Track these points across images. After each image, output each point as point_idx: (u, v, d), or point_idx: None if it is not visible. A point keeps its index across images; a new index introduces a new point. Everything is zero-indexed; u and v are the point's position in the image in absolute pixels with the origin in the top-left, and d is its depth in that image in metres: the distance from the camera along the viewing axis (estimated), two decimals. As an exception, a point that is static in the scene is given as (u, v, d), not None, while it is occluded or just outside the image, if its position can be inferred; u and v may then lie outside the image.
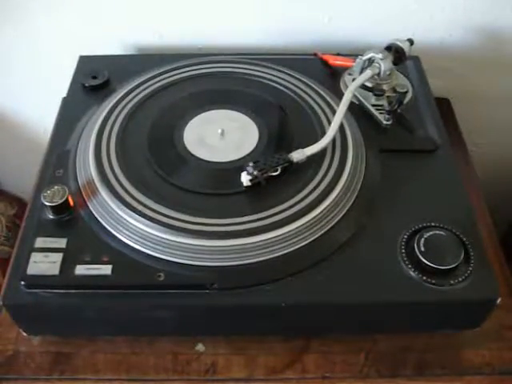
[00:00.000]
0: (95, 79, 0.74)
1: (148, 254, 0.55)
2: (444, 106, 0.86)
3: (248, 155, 0.62)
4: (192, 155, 0.62)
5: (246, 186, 0.58)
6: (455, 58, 0.85)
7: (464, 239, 0.56)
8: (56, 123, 0.72)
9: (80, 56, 0.79)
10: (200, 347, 0.60)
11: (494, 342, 0.61)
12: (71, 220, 0.58)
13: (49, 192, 0.58)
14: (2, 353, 0.60)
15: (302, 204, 0.57)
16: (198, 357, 0.60)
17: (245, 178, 0.57)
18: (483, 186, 0.77)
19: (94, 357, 0.60)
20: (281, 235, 0.55)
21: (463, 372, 0.60)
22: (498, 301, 0.55)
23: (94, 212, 0.58)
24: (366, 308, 0.56)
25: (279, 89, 0.70)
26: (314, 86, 0.70)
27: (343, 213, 0.58)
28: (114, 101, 0.68)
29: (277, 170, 0.58)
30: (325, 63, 0.76)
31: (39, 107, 0.93)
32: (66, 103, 0.74)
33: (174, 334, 0.61)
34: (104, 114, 0.66)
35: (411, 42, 0.70)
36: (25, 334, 0.60)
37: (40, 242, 0.56)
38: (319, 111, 0.67)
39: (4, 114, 0.98)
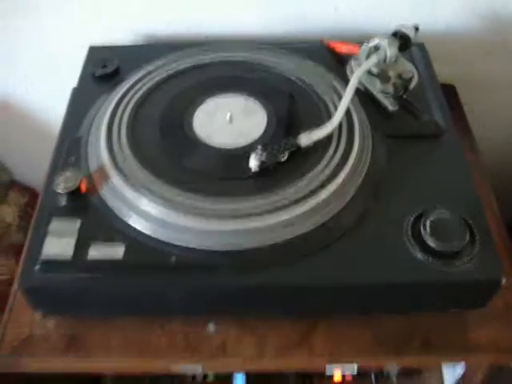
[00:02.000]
0: (105, 68, 0.75)
1: (159, 237, 0.56)
2: (450, 93, 0.87)
3: (256, 140, 0.63)
4: (202, 141, 0.63)
5: (254, 171, 0.59)
6: (461, 45, 0.86)
7: (469, 221, 0.57)
8: (67, 111, 0.73)
9: (90, 46, 0.80)
10: (211, 327, 0.62)
11: (500, 322, 0.62)
12: (84, 205, 0.59)
13: (62, 178, 0.60)
14: (18, 335, 0.62)
15: (308, 188, 0.58)
16: (210, 337, 0.62)
17: (253, 163, 0.59)
18: (489, 171, 0.78)
19: (107, 338, 0.62)
20: (287, 218, 0.56)
21: (468, 350, 0.61)
22: (503, 281, 0.56)
23: (105, 197, 0.59)
24: (373, 289, 0.57)
25: (287, 76, 0.71)
26: (320, 72, 0.71)
27: (349, 197, 0.59)
28: (125, 89, 0.69)
29: (284, 155, 0.59)
30: (331, 50, 0.76)
31: (50, 98, 0.94)
32: (76, 92, 0.75)
33: (186, 315, 0.62)
34: (115, 101, 0.68)
35: (417, 28, 0.71)
36: (40, 316, 0.61)
37: (54, 226, 0.58)
38: (326, 97, 0.68)
39: (15, 104, 0.99)
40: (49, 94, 0.95)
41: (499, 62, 0.88)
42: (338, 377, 0.84)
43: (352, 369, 0.67)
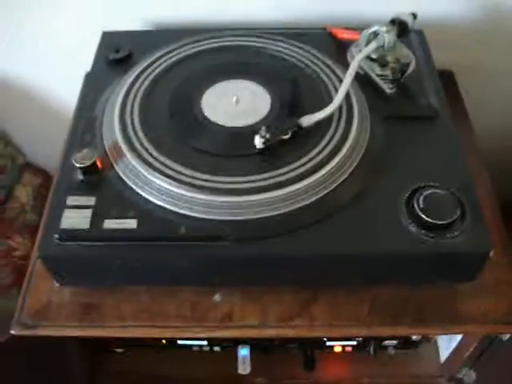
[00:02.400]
0: (118, 53, 0.79)
1: (170, 210, 0.60)
2: (448, 78, 0.90)
3: (261, 120, 0.67)
4: (210, 120, 0.67)
5: (259, 148, 0.63)
6: (459, 32, 0.89)
7: (460, 197, 0.61)
8: (81, 94, 0.77)
9: (103, 32, 0.84)
10: (217, 297, 0.66)
11: (490, 295, 0.66)
12: (99, 180, 0.63)
13: (79, 155, 0.64)
14: (37, 302, 0.66)
15: (310, 164, 0.62)
16: (216, 306, 0.66)
17: (258, 141, 0.62)
18: (485, 153, 0.81)
19: (119, 306, 0.66)
20: (290, 192, 0.60)
21: (460, 321, 0.65)
22: (491, 253, 0.60)
23: (120, 172, 0.63)
24: (368, 259, 0.61)
25: (290, 61, 0.75)
26: (322, 57, 0.75)
27: (348, 173, 0.63)
28: (137, 72, 0.73)
29: (287, 134, 0.63)
30: (333, 37, 0.80)
31: (65, 82, 0.98)
32: (90, 76, 0.79)
33: (194, 285, 0.66)
34: (127, 84, 0.72)
35: (415, 15, 0.74)
36: (58, 284, 0.66)
37: (71, 200, 0.62)
38: (327, 81, 0.72)
39: (30, 87, 1.03)
40: (61, 79, 0.99)
41: (496, 49, 0.91)
42: (338, 348, 0.88)
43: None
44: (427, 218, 0.59)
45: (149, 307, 0.66)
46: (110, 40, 0.82)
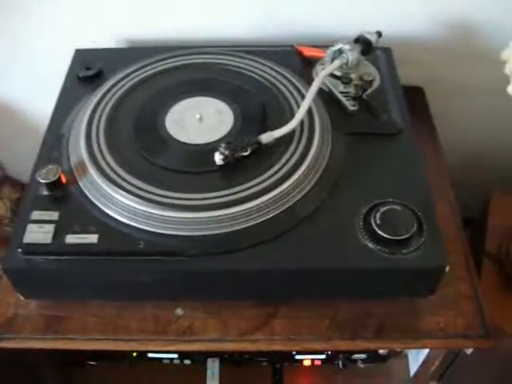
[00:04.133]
0: (88, 70, 0.80)
1: (131, 225, 0.61)
2: (417, 94, 0.92)
3: (222, 137, 0.68)
4: (172, 138, 0.68)
5: (219, 165, 0.64)
6: (428, 49, 0.91)
7: (418, 213, 0.62)
8: (53, 110, 0.78)
9: (76, 49, 0.86)
10: (179, 311, 0.67)
11: (449, 310, 0.67)
12: (63, 196, 0.64)
13: (43, 171, 0.65)
14: (2, 315, 0.67)
15: (269, 181, 0.63)
16: (177, 320, 0.67)
17: (218, 158, 0.64)
18: (452, 167, 0.83)
19: (84, 319, 0.67)
20: (249, 208, 0.61)
21: (418, 336, 0.66)
22: (447, 269, 0.61)
23: (83, 188, 0.65)
24: (326, 274, 0.62)
25: (255, 78, 0.77)
26: (287, 75, 0.76)
27: (307, 190, 0.64)
28: (104, 90, 0.75)
29: (247, 151, 0.64)
30: (300, 54, 0.82)
31: (43, 96, 0.98)
32: (62, 93, 0.80)
33: (156, 299, 0.67)
34: (94, 102, 0.73)
35: (379, 34, 0.76)
36: (22, 298, 0.66)
37: (35, 214, 0.63)
38: (291, 98, 0.73)
39: (9, 102, 1.05)
40: (40, 94, 0.99)
41: (465, 67, 0.93)
42: (307, 362, 0.89)
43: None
44: (383, 234, 0.60)
45: (113, 320, 0.67)
46: (82, 57, 0.84)
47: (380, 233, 0.61)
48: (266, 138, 0.65)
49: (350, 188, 0.66)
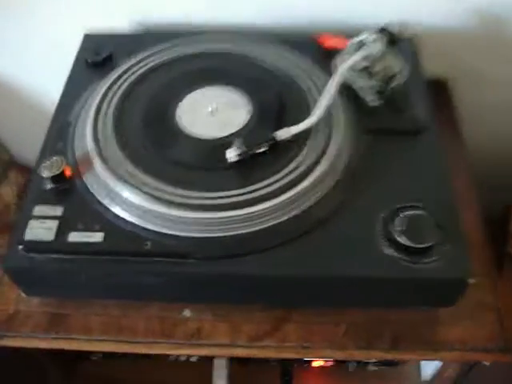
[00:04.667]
0: (98, 55, 0.77)
1: (137, 224, 0.58)
2: (441, 88, 0.88)
3: (236, 132, 0.64)
4: (183, 131, 0.65)
5: (232, 162, 0.60)
6: (455, 39, 0.86)
7: (441, 219, 0.58)
8: (60, 97, 0.75)
9: (85, 34, 0.82)
10: (187, 313, 0.64)
11: (470, 321, 0.64)
12: (68, 190, 0.61)
13: (48, 163, 0.62)
14: (3, 311, 0.65)
15: (285, 180, 0.59)
16: (185, 322, 0.64)
17: (231, 154, 0.60)
18: (479, 168, 0.78)
19: (87, 318, 0.64)
20: (263, 209, 0.58)
21: (436, 347, 0.62)
22: (470, 281, 0.57)
23: (88, 183, 0.61)
24: (342, 281, 0.58)
25: (273, 69, 0.72)
26: (306, 66, 0.72)
27: (325, 190, 0.60)
28: (114, 77, 0.71)
29: (261, 148, 0.61)
30: (320, 44, 0.77)
31: (48, 81, 0.96)
32: (70, 79, 0.76)
33: (162, 300, 0.64)
34: (103, 89, 0.69)
35: (404, 24, 0.71)
36: (24, 294, 0.64)
37: (38, 210, 0.60)
38: (309, 91, 0.69)
39: (16, 84, 1.01)
40: (46, 78, 0.97)
41: (493, 59, 0.88)
42: (317, 363, 0.86)
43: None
44: (404, 241, 0.57)
45: (117, 321, 0.64)
46: (92, 42, 0.80)
47: (401, 240, 0.57)
48: (283, 134, 0.62)
49: (369, 190, 0.62)
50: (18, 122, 1.07)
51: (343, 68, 0.66)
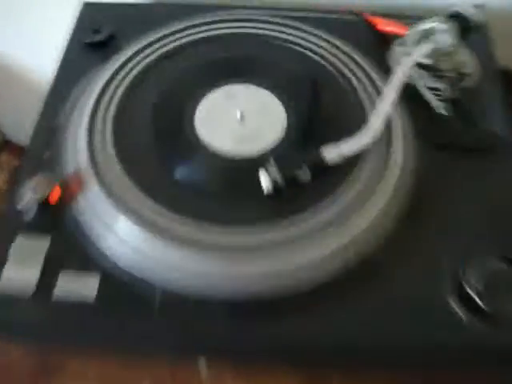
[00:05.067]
0: (97, 34, 0.63)
1: (143, 273, 0.45)
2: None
3: (271, 149, 0.50)
4: (203, 145, 0.51)
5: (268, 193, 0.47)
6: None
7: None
8: (50, 88, 0.61)
9: (84, 2, 0.67)
10: (202, 362, 0.52)
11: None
12: (54, 221, 0.48)
13: (31, 183, 0.49)
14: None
15: (330, 217, 0.46)
16: (199, 376, 0.52)
17: (265, 181, 0.47)
18: None
19: (83, 369, 0.53)
20: (304, 258, 0.45)
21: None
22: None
23: (79, 212, 0.49)
24: (401, 350, 0.46)
25: (315, 59, 0.58)
26: (357, 57, 0.58)
27: (381, 231, 0.47)
28: (115, 66, 0.57)
29: (307, 174, 0.47)
30: (372, 27, 0.62)
31: (42, 58, 0.82)
32: (62, 64, 0.62)
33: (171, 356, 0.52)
34: (102, 82, 0.56)
35: (481, 7, 0.56)
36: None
37: (15, 250, 0.47)
38: (362, 90, 0.55)
39: (6, 63, 0.91)
40: (41, 54, 0.83)
41: None
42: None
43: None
44: (482, 303, 0.44)
45: (118, 372, 0.53)
46: (91, 14, 0.66)
47: (478, 301, 0.44)
48: (333, 156, 0.48)
49: (438, 230, 0.48)
50: (10, 100, 0.97)
51: (408, 63, 0.52)
